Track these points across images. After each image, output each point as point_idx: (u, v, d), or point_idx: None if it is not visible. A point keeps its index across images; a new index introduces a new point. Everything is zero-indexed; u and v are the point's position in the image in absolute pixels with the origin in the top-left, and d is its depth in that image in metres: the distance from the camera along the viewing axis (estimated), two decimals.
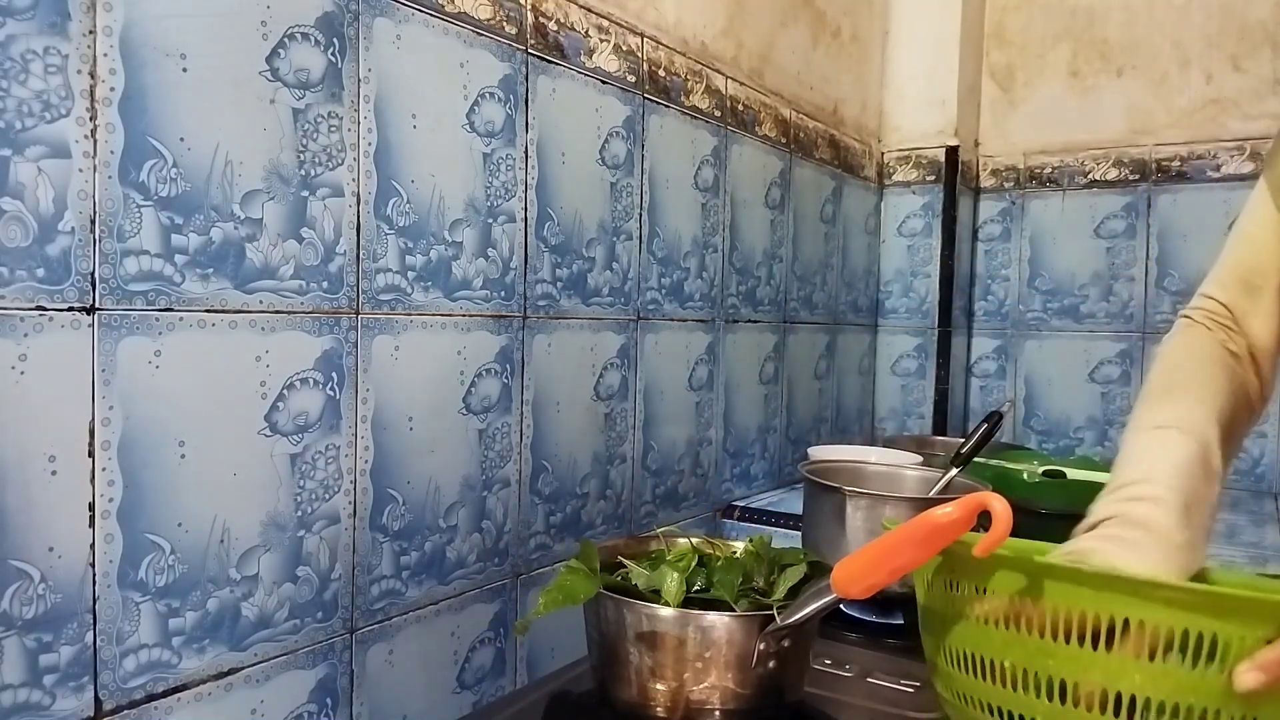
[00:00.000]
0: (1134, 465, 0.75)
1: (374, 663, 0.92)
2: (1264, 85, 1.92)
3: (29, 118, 0.64)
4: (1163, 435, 0.75)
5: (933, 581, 0.67)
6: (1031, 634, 0.58)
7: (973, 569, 0.62)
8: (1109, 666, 0.56)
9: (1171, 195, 2.00)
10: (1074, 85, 2.12)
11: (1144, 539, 0.68)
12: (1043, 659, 0.58)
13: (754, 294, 1.61)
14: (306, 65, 0.83)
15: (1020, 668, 0.59)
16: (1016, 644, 0.59)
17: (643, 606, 0.75)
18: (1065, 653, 0.57)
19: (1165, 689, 0.54)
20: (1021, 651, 0.59)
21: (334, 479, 0.87)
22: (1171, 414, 0.77)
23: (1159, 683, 0.54)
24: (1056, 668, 0.57)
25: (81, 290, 0.67)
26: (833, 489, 1.09)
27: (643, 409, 1.32)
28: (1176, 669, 0.54)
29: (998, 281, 2.20)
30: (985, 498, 0.60)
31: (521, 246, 1.08)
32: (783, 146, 1.68)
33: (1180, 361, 0.84)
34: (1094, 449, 2.08)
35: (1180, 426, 0.75)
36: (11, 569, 0.64)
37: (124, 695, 0.71)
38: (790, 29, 1.70)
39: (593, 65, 1.18)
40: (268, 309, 0.80)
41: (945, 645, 0.64)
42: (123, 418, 0.70)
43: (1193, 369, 0.82)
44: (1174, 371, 0.83)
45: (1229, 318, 0.84)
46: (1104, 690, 0.56)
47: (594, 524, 1.23)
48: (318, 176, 0.84)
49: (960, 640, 0.63)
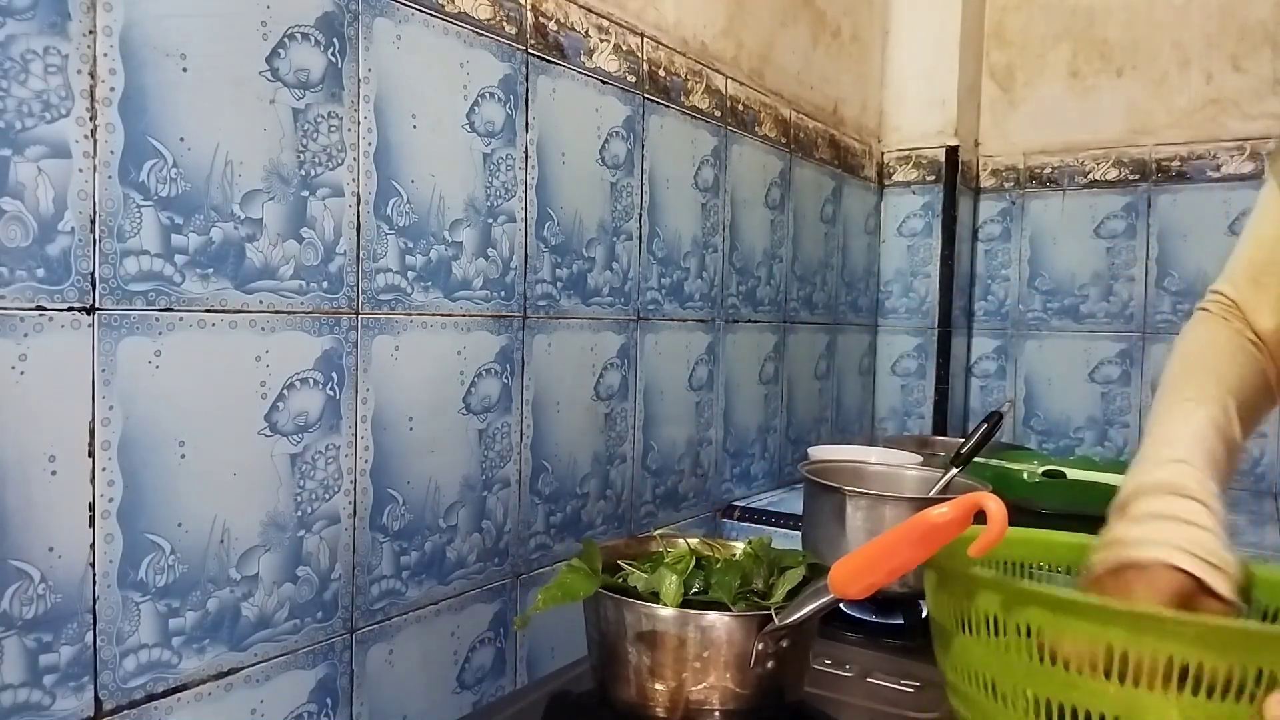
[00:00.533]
0: (1153, 436, 0.77)
1: (374, 663, 0.92)
2: (1264, 85, 1.92)
3: (29, 118, 0.64)
4: (1182, 407, 0.78)
5: (937, 599, 0.67)
6: (1056, 666, 0.57)
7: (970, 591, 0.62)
8: (1135, 700, 0.55)
9: (1171, 195, 2.01)
10: (1074, 85, 2.12)
11: (1183, 508, 0.69)
12: (1067, 691, 0.57)
13: (754, 294, 1.61)
14: (306, 65, 0.83)
15: (1040, 697, 0.58)
16: (1041, 675, 0.58)
17: (642, 606, 0.76)
18: (1088, 686, 0.56)
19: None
20: (1046, 683, 0.58)
21: (334, 479, 0.87)
22: (1190, 391, 0.79)
23: (1190, 716, 0.54)
24: (1080, 700, 0.57)
25: (81, 290, 0.67)
26: (833, 489, 1.09)
27: (643, 409, 1.32)
28: (1205, 702, 0.53)
29: (998, 281, 2.20)
30: (981, 498, 0.60)
31: (521, 246, 1.08)
32: (783, 146, 1.68)
33: (1197, 348, 0.85)
34: (1094, 449, 2.08)
35: (1197, 399, 0.77)
36: (11, 569, 0.64)
37: (124, 695, 0.71)
38: (790, 29, 1.70)
39: (593, 65, 1.18)
40: (268, 309, 0.80)
41: (956, 662, 0.65)
42: (123, 418, 0.70)
43: (1210, 353, 0.84)
44: (1189, 357, 0.85)
45: (1239, 313, 0.85)
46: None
47: (594, 524, 1.23)
48: (318, 176, 0.84)
49: (976, 662, 0.63)
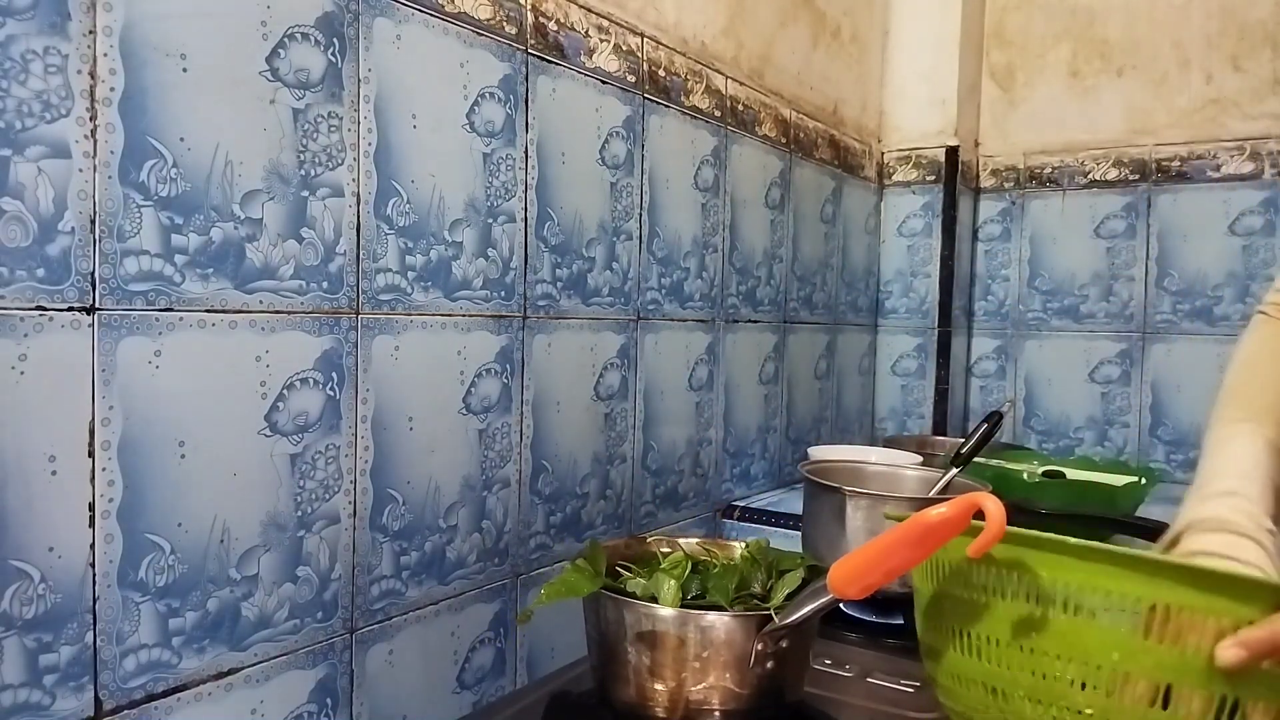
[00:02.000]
0: (1207, 463, 0.76)
1: (374, 663, 0.92)
2: (1264, 85, 1.92)
3: (29, 118, 0.64)
4: (1237, 428, 0.77)
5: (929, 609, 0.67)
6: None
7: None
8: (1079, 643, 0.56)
9: (1171, 195, 2.00)
10: (1074, 85, 2.12)
11: (1231, 545, 0.68)
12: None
13: (754, 294, 1.61)
14: (306, 65, 0.83)
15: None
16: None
17: (642, 606, 0.76)
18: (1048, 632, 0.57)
19: (1145, 665, 0.55)
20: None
21: (334, 479, 0.87)
22: (1245, 409, 0.78)
23: (1138, 658, 0.55)
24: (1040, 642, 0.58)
25: (81, 290, 0.68)
26: (833, 489, 1.09)
27: (643, 409, 1.32)
28: (1156, 646, 0.54)
29: (998, 281, 2.20)
30: (979, 498, 0.60)
31: (521, 246, 1.08)
32: (783, 146, 1.68)
33: (1254, 355, 0.84)
34: (1094, 449, 2.08)
35: (1253, 417, 0.76)
36: (11, 569, 0.64)
37: (124, 695, 0.71)
38: (790, 29, 1.70)
39: (593, 65, 1.18)
40: (268, 309, 0.80)
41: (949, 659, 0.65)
42: (123, 418, 0.70)
43: (1268, 362, 0.83)
44: (1245, 366, 0.84)
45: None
46: (1081, 666, 0.56)
47: (594, 524, 1.23)
48: (318, 176, 0.84)
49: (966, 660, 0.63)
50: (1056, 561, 0.57)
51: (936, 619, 0.65)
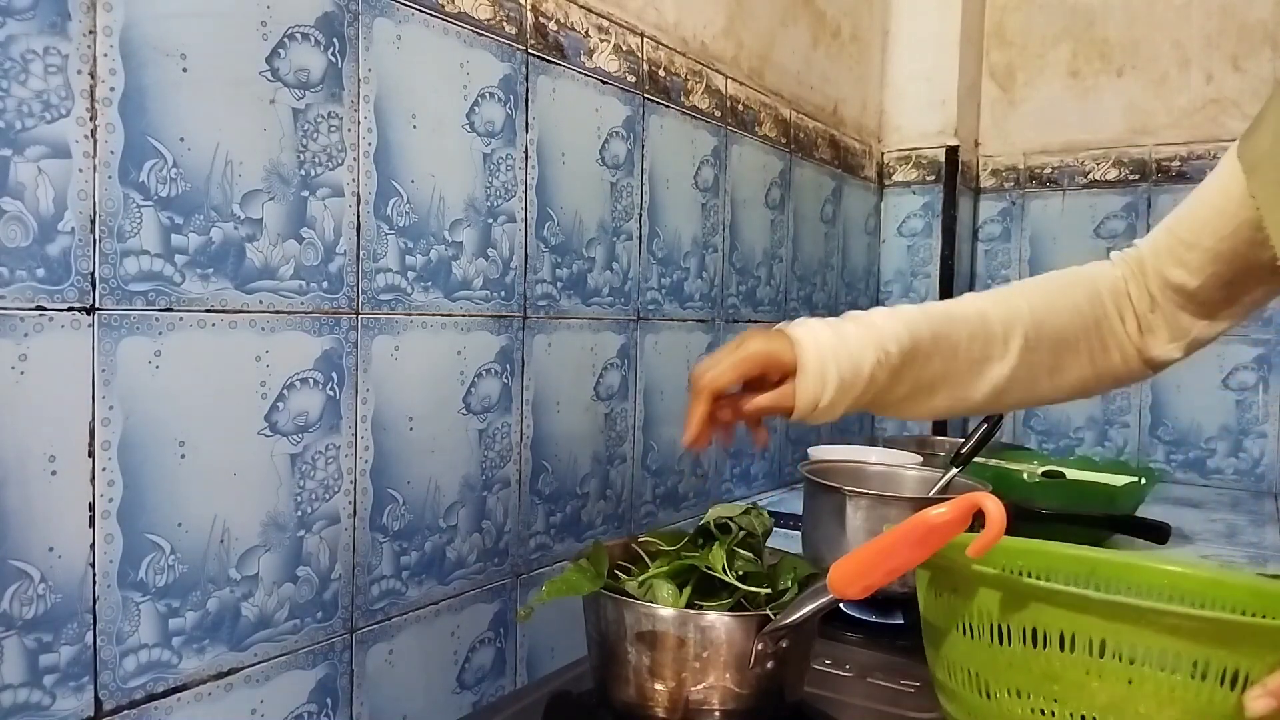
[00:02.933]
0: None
1: (374, 663, 0.92)
2: (1264, 85, 1.92)
3: (29, 118, 0.64)
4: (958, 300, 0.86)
5: (929, 599, 0.67)
6: (1038, 650, 0.58)
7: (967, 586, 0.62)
8: (1114, 691, 0.55)
9: (1171, 195, 2.00)
10: (1074, 85, 2.12)
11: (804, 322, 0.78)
12: (1048, 684, 0.57)
13: (754, 294, 1.61)
14: (306, 65, 0.83)
15: (1025, 691, 0.59)
16: (1020, 665, 0.59)
17: (642, 606, 0.76)
18: (1070, 676, 0.56)
19: (1172, 714, 0.54)
20: (1025, 676, 0.59)
21: (334, 479, 0.87)
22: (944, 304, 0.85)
23: (1165, 710, 0.54)
24: (1061, 692, 0.57)
25: (81, 290, 0.68)
26: (833, 489, 1.09)
27: (643, 409, 1.32)
28: (1184, 694, 0.53)
29: (998, 281, 2.20)
30: (979, 498, 0.60)
31: (521, 246, 1.08)
32: (783, 146, 1.68)
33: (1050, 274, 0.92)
34: (1094, 449, 2.08)
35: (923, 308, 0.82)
36: (11, 569, 0.64)
37: (124, 695, 0.71)
38: (790, 29, 1.70)
39: (593, 65, 1.18)
40: (268, 309, 0.80)
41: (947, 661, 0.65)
42: (123, 418, 0.70)
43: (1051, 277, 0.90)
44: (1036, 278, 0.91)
45: (1140, 264, 0.89)
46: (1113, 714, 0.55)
47: (594, 524, 1.23)
48: (318, 176, 0.84)
49: (964, 658, 0.63)
50: (1078, 619, 0.57)
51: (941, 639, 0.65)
